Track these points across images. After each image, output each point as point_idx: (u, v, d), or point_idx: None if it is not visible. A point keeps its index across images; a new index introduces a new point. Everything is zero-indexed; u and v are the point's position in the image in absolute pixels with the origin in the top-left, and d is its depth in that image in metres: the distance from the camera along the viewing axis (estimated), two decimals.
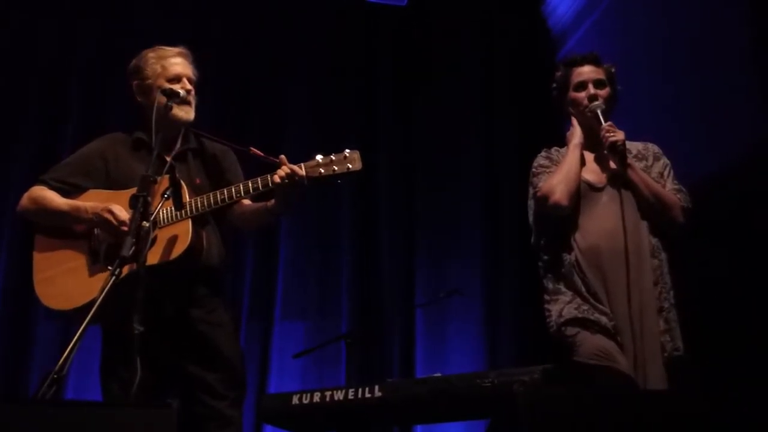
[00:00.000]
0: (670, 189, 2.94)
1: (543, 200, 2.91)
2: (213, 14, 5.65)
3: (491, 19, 6.16)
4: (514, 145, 5.78)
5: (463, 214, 5.73)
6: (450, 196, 5.75)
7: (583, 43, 5.63)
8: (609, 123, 2.93)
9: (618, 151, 2.86)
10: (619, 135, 2.88)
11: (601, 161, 3.00)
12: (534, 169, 3.07)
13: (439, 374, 3.07)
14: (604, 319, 2.73)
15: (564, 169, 2.92)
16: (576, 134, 3.02)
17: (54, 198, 2.88)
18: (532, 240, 3.05)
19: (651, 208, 2.88)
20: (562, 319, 2.80)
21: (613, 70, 3.09)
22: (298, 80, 5.74)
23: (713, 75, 4.23)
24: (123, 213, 2.71)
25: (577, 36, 5.74)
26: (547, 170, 3.01)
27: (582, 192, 2.91)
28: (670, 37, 4.67)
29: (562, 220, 2.91)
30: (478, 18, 6.17)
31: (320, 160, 2.76)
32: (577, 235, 2.87)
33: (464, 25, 6.14)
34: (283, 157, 2.77)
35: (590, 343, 2.70)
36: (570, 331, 2.76)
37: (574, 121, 3.06)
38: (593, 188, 2.93)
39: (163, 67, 2.95)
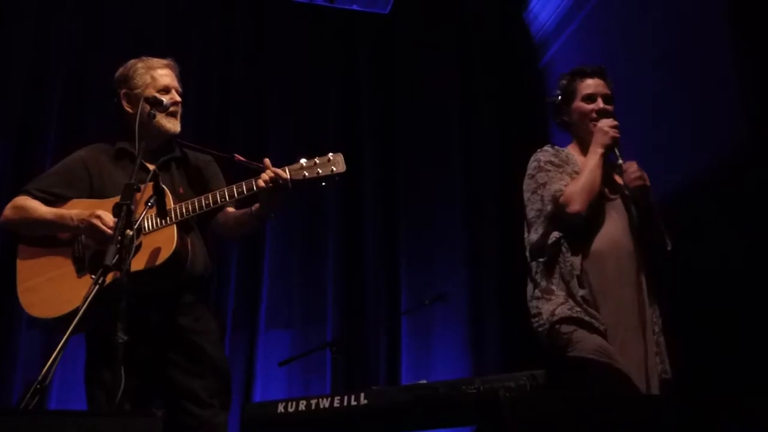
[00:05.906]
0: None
1: (563, 207, 2.86)
2: (194, 19, 5.64)
3: (474, 27, 6.19)
4: (496, 150, 5.83)
5: (446, 220, 5.75)
6: (433, 202, 5.76)
7: (565, 50, 5.66)
8: (630, 162, 2.96)
9: (644, 194, 2.94)
10: (646, 180, 2.94)
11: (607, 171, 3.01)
12: (538, 163, 3.00)
13: (424, 381, 3.06)
14: (596, 323, 2.76)
15: (588, 179, 2.88)
16: (599, 142, 2.96)
17: (38, 207, 2.86)
18: (529, 235, 2.97)
19: (655, 237, 2.95)
20: (555, 318, 2.79)
21: (612, 86, 3.09)
22: (281, 86, 5.74)
23: (694, 80, 4.27)
24: (110, 219, 2.69)
25: (559, 43, 5.77)
26: (558, 170, 2.96)
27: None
28: (652, 42, 4.70)
29: (572, 223, 2.88)
30: (460, 25, 6.20)
31: (304, 164, 2.77)
32: (584, 241, 2.87)
33: (446, 31, 6.17)
34: (266, 160, 2.77)
35: (590, 340, 2.73)
36: (565, 328, 2.76)
37: (594, 127, 3.00)
38: (605, 198, 2.95)
39: (153, 78, 2.95)
